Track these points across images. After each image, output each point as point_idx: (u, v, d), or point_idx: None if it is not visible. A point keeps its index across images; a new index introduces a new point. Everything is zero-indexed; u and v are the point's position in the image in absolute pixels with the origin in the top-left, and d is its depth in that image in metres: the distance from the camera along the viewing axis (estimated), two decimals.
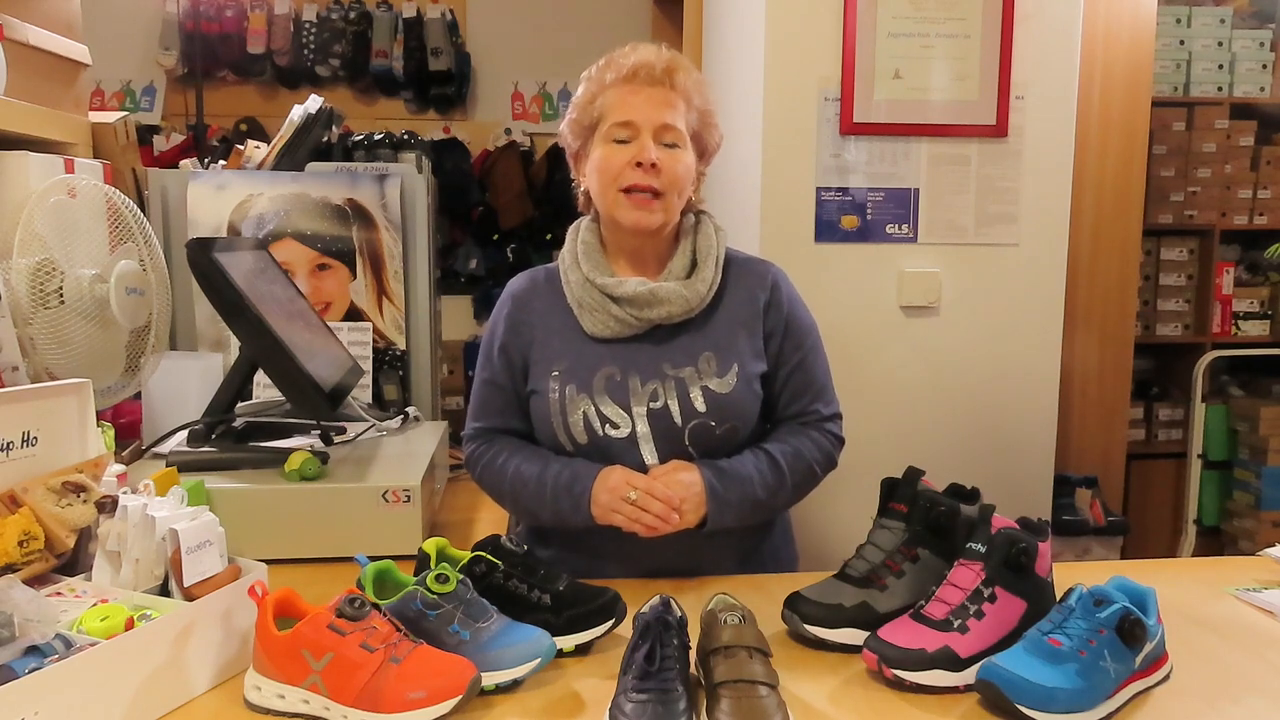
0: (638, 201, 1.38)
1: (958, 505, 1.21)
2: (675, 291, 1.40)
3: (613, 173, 1.38)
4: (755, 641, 1.05)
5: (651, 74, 1.38)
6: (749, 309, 1.46)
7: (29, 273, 1.48)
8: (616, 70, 1.39)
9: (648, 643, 1.02)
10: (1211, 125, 3.46)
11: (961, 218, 2.19)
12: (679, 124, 1.39)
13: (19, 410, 1.18)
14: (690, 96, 1.40)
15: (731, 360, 1.42)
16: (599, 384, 1.41)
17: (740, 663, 1.02)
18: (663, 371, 1.41)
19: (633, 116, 1.37)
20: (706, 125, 1.44)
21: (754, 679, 1.00)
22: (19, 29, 1.76)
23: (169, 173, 2.08)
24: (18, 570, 1.10)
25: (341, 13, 4.26)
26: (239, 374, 1.62)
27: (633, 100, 1.38)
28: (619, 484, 1.35)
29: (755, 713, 0.97)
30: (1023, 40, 2.14)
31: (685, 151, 1.40)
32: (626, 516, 1.33)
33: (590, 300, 1.43)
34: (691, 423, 1.39)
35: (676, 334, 1.43)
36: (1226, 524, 3.51)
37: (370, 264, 2.08)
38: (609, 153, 1.39)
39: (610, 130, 1.39)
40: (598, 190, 1.42)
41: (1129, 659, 1.03)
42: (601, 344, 1.43)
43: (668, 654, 1.02)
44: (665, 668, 1.01)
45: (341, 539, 1.44)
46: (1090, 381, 3.03)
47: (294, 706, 1.00)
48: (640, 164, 1.36)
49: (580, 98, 1.43)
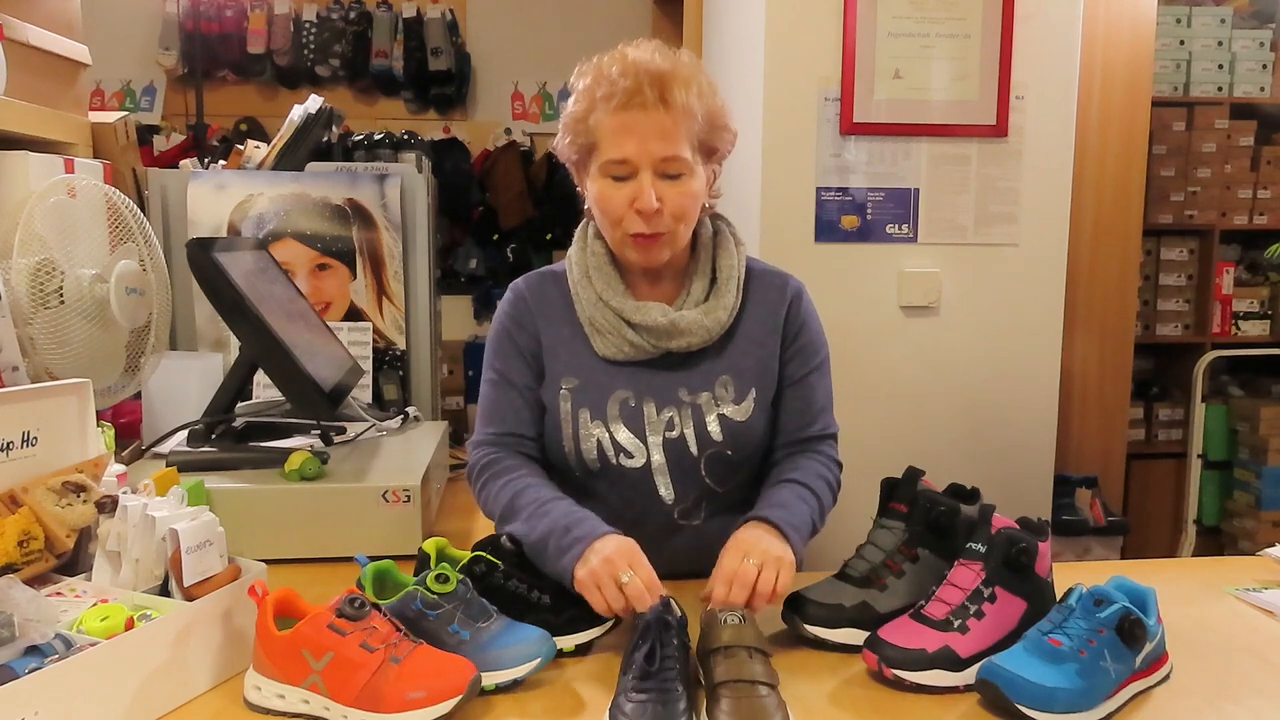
0: (642, 243, 1.30)
1: (958, 505, 1.21)
2: (697, 322, 1.33)
3: (613, 215, 1.29)
4: (755, 641, 1.04)
5: (644, 99, 1.24)
6: (767, 326, 1.40)
7: (29, 273, 1.48)
8: (607, 90, 1.26)
9: (648, 643, 1.02)
10: (1211, 125, 3.46)
11: (961, 218, 2.19)
12: (681, 151, 1.27)
13: (19, 410, 1.18)
14: (692, 109, 1.27)
15: (749, 385, 1.37)
16: (613, 410, 1.35)
17: (740, 663, 1.02)
18: (679, 398, 1.36)
19: (628, 154, 1.26)
20: (714, 130, 1.32)
21: (754, 679, 1.00)
22: (19, 29, 1.76)
23: (169, 173, 2.08)
24: (18, 570, 1.10)
25: (341, 13, 4.26)
26: (239, 374, 1.62)
27: (626, 137, 1.25)
28: (616, 559, 1.14)
29: (755, 713, 0.97)
30: (1023, 40, 2.14)
31: (691, 178, 1.29)
32: (607, 599, 1.13)
33: (604, 322, 1.35)
34: (708, 452, 1.35)
35: (693, 358, 1.36)
36: (1226, 524, 3.51)
37: (370, 264, 2.08)
38: (607, 191, 1.29)
39: (606, 166, 1.28)
40: (602, 227, 1.35)
41: (1129, 659, 1.03)
42: (613, 365, 1.36)
43: (668, 654, 1.02)
44: (665, 668, 1.00)
45: (341, 539, 1.44)
46: (1090, 381, 3.03)
47: (294, 706, 1.00)
48: (642, 210, 1.27)
49: (573, 113, 1.31)
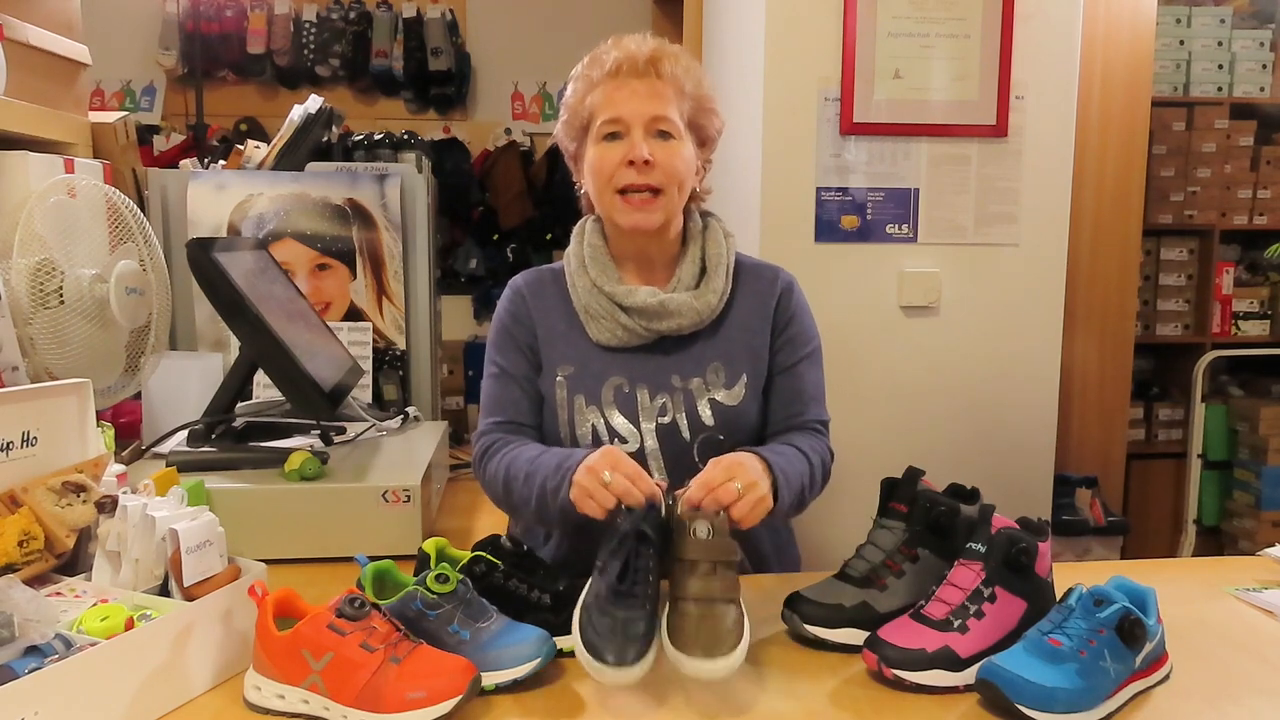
0: (635, 203, 1.34)
1: (958, 505, 1.21)
2: (686, 304, 1.37)
3: (607, 173, 1.35)
4: (720, 554, 1.03)
5: (635, 67, 1.33)
6: (758, 315, 1.43)
7: (29, 273, 1.48)
8: (600, 66, 1.35)
9: (621, 558, 1.01)
10: (1211, 125, 3.46)
11: (961, 218, 2.19)
12: (670, 114, 1.34)
13: (19, 410, 1.18)
14: (680, 84, 1.35)
15: (740, 371, 1.40)
16: (608, 395, 1.38)
17: (701, 578, 1.01)
18: (671, 384, 1.39)
19: (620, 112, 1.33)
20: (702, 111, 1.39)
21: (711, 597, 1.00)
22: (19, 29, 1.76)
23: (169, 173, 2.08)
24: (18, 570, 1.10)
25: (341, 13, 4.26)
26: (239, 374, 1.62)
27: (619, 96, 1.33)
28: (596, 464, 1.15)
29: (711, 632, 0.97)
30: (1023, 40, 2.14)
31: (681, 142, 1.35)
32: (598, 502, 1.13)
33: (598, 308, 1.40)
34: (700, 437, 1.38)
35: (685, 344, 1.41)
36: (1226, 524, 3.51)
37: (370, 264, 2.08)
38: (601, 152, 1.35)
39: (601, 128, 1.35)
40: (595, 192, 1.39)
41: (1129, 659, 1.03)
42: (607, 352, 1.41)
43: (640, 565, 1.01)
44: (637, 581, 1.01)
45: (341, 539, 1.44)
46: (1090, 381, 3.03)
47: (294, 706, 0.99)
48: (633, 162, 1.32)
49: (570, 98, 1.39)
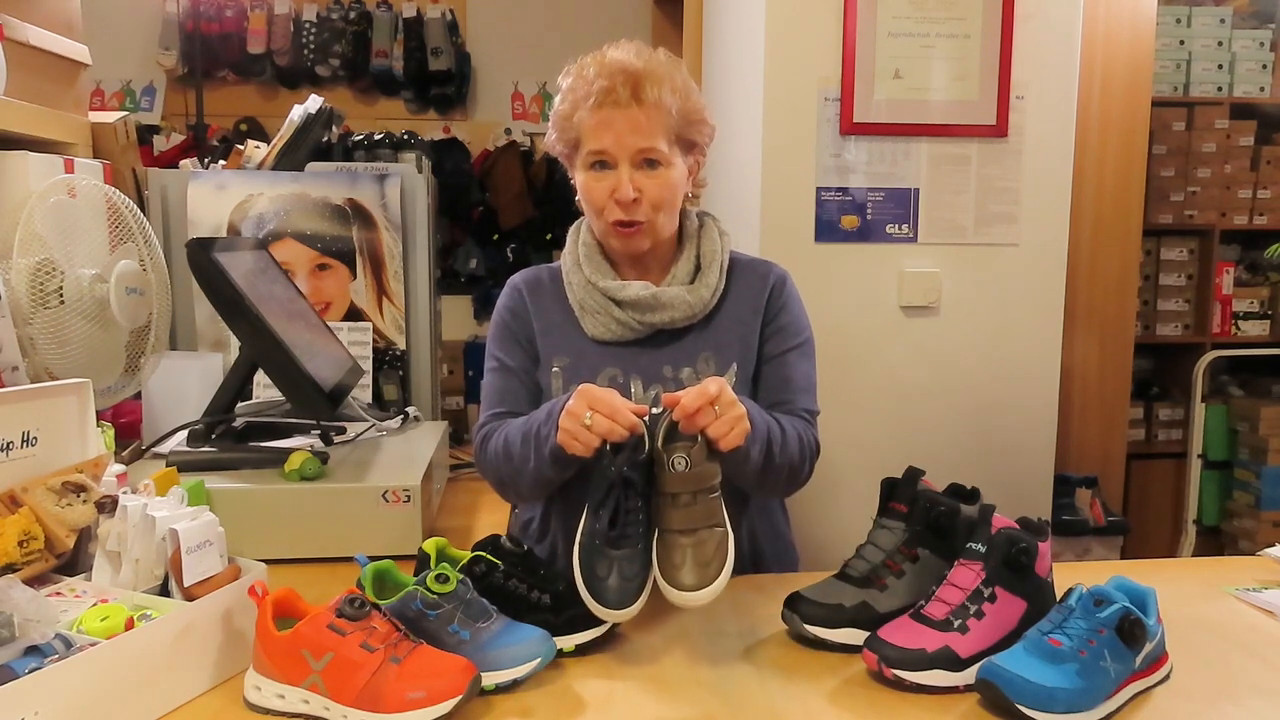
0: (623, 234, 1.38)
1: (958, 505, 1.21)
2: (679, 296, 1.40)
3: (596, 205, 1.38)
4: (699, 483, 1.05)
5: (617, 98, 1.32)
6: (750, 308, 1.46)
7: (29, 273, 1.48)
8: (585, 90, 1.34)
9: (610, 508, 1.05)
10: (1211, 125, 3.46)
11: (961, 218, 2.19)
12: (656, 143, 1.34)
13: (19, 410, 1.18)
14: (665, 106, 1.34)
15: (731, 360, 1.41)
16: (601, 385, 1.38)
17: (683, 509, 1.04)
18: (662, 374, 1.42)
19: (605, 146, 1.34)
20: (690, 125, 1.38)
21: (694, 526, 1.03)
22: (19, 29, 1.76)
23: (169, 173, 2.08)
24: (18, 570, 1.10)
25: (341, 13, 4.26)
26: (239, 374, 1.62)
27: (604, 131, 1.34)
28: (575, 407, 1.17)
29: (695, 560, 1.01)
30: (1023, 40, 2.14)
31: (669, 168, 1.37)
32: (583, 444, 1.16)
33: (593, 303, 1.42)
34: None
35: (678, 338, 1.43)
36: (1226, 524, 3.51)
37: (370, 264, 2.08)
38: (590, 181, 1.38)
39: (588, 157, 1.37)
40: (587, 214, 1.44)
41: (1129, 659, 1.03)
42: (602, 346, 1.43)
43: (630, 508, 1.05)
44: (629, 523, 1.04)
45: (341, 539, 1.44)
46: (1090, 381, 3.03)
47: (294, 706, 1.00)
48: (620, 200, 1.35)
49: (559, 111, 1.40)
